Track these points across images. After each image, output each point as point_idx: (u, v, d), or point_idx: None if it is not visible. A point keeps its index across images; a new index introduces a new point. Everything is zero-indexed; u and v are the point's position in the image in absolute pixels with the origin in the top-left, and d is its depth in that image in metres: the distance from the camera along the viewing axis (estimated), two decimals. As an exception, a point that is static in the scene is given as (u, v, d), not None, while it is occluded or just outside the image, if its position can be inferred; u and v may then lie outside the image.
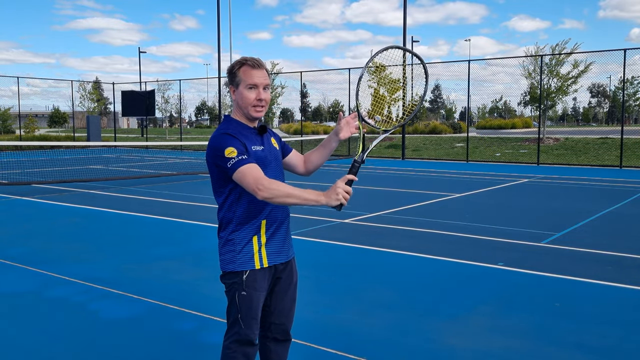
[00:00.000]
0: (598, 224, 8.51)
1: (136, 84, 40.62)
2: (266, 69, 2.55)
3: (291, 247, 2.73)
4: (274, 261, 2.61)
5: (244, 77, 2.49)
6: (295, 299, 2.77)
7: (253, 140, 2.54)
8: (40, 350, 3.85)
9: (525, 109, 67.92)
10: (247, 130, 2.56)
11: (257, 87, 2.49)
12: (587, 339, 4.04)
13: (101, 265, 6.04)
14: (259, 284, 2.57)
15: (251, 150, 2.50)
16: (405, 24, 24.98)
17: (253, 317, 2.61)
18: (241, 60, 2.52)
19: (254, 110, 2.51)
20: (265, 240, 2.58)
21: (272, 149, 2.65)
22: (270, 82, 2.55)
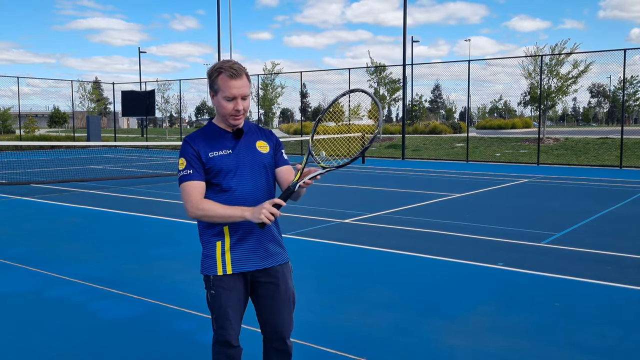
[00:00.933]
0: (598, 224, 8.51)
1: (136, 84, 40.63)
2: (246, 73, 2.49)
3: (274, 255, 2.63)
4: (240, 268, 2.56)
5: (222, 87, 2.45)
6: (288, 304, 2.68)
7: (220, 145, 2.53)
8: (40, 350, 3.85)
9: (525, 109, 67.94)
10: (219, 135, 2.56)
11: (236, 99, 2.46)
12: (587, 339, 4.04)
13: (101, 265, 6.04)
14: (228, 284, 2.56)
15: (206, 157, 2.50)
16: (405, 24, 24.98)
17: (225, 318, 2.58)
18: (219, 68, 2.46)
19: (233, 119, 2.51)
20: (230, 246, 2.56)
21: (249, 153, 2.57)
22: (249, 88, 2.50)
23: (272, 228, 2.63)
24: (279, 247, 2.67)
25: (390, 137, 34.21)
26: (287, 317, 2.69)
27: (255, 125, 2.72)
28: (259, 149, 2.61)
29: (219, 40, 30.75)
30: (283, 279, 2.66)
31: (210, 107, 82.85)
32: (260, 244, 2.59)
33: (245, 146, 2.58)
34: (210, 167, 2.51)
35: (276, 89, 34.31)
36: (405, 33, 25.14)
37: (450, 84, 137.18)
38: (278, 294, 2.65)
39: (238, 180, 2.53)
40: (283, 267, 2.68)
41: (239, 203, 2.51)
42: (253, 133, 2.65)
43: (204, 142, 2.53)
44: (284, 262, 2.68)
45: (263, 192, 2.58)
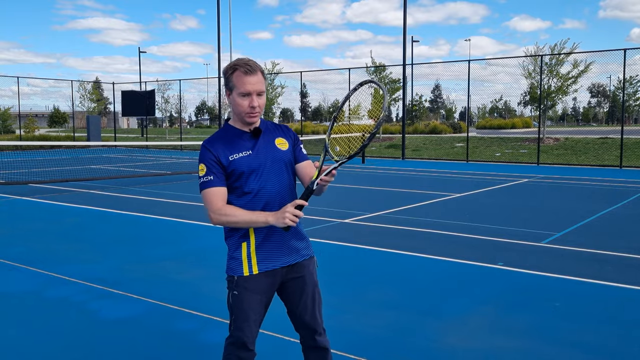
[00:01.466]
0: (598, 224, 8.51)
1: (136, 84, 40.64)
2: (261, 71, 2.47)
3: (299, 250, 2.63)
4: (267, 267, 2.55)
5: (236, 84, 2.43)
6: (315, 298, 2.67)
7: (240, 147, 2.51)
8: (40, 350, 3.85)
9: (525, 109, 67.95)
10: (237, 136, 2.53)
11: (250, 95, 2.43)
12: (587, 339, 4.04)
13: (101, 265, 6.04)
14: (252, 285, 2.55)
15: (227, 161, 2.48)
16: (405, 24, 24.98)
17: (245, 320, 2.57)
18: (234, 65, 2.45)
19: (248, 116, 2.48)
20: (256, 246, 2.54)
21: (270, 152, 2.54)
22: (264, 85, 2.47)
23: (297, 226, 2.65)
24: (303, 242, 2.66)
25: (390, 137, 34.21)
26: (317, 312, 2.68)
27: (272, 123, 2.68)
28: (279, 146, 2.57)
29: (219, 40, 30.78)
30: (309, 273, 2.66)
31: (210, 107, 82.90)
32: (284, 241, 2.58)
33: (265, 145, 2.55)
34: (232, 170, 2.49)
35: (276, 88, 34.33)
36: (405, 33, 25.15)
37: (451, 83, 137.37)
38: (305, 289, 2.64)
39: (261, 181, 2.50)
40: (308, 261, 2.67)
41: (263, 203, 2.50)
42: (271, 131, 2.61)
43: (223, 145, 2.51)
44: (309, 256, 2.68)
45: (287, 190, 2.56)
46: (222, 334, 4.12)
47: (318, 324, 2.69)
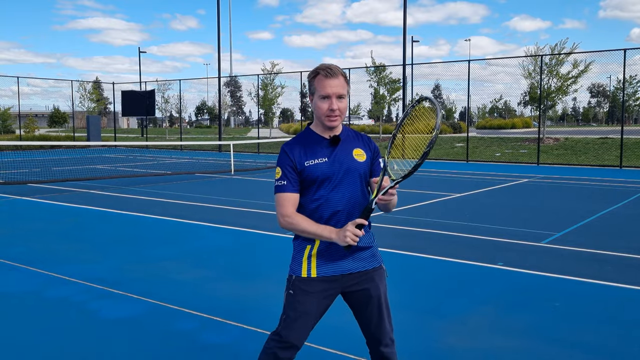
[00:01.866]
0: (598, 224, 8.51)
1: (136, 84, 40.64)
2: (343, 75, 2.50)
3: (363, 259, 2.59)
4: (325, 272, 2.55)
5: (317, 87, 2.48)
6: (381, 309, 2.63)
7: (316, 153, 2.52)
8: (41, 350, 3.85)
9: (525, 109, 67.95)
10: (317, 142, 2.55)
11: (330, 98, 2.46)
12: (587, 339, 4.04)
13: (101, 265, 6.04)
14: (308, 287, 2.56)
15: (302, 166, 2.50)
16: (405, 24, 24.98)
17: (295, 320, 2.57)
18: (316, 70, 2.51)
19: (328, 120, 2.49)
20: (317, 251, 2.56)
21: (346, 162, 2.53)
22: (346, 90, 2.50)
23: (366, 234, 2.58)
24: (368, 252, 2.61)
25: (390, 137, 34.18)
26: (383, 323, 2.64)
27: (354, 132, 2.66)
28: (356, 157, 2.56)
29: (218, 40, 30.78)
30: (374, 284, 2.61)
31: (210, 107, 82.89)
32: (352, 250, 2.57)
33: (342, 154, 2.55)
34: (306, 175, 2.51)
35: (276, 88, 34.32)
36: (405, 33, 25.15)
37: (451, 83, 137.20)
38: (371, 300, 2.61)
39: (332, 190, 2.51)
40: (374, 271, 2.62)
41: (331, 211, 2.51)
42: (351, 140, 2.60)
43: (301, 149, 2.53)
44: (375, 266, 2.62)
45: (357, 202, 2.54)
46: (222, 334, 4.13)
47: (383, 334, 2.65)
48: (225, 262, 6.22)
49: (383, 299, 2.63)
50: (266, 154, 27.01)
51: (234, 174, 16.56)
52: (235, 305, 4.73)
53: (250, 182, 14.59)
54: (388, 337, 2.67)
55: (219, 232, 7.89)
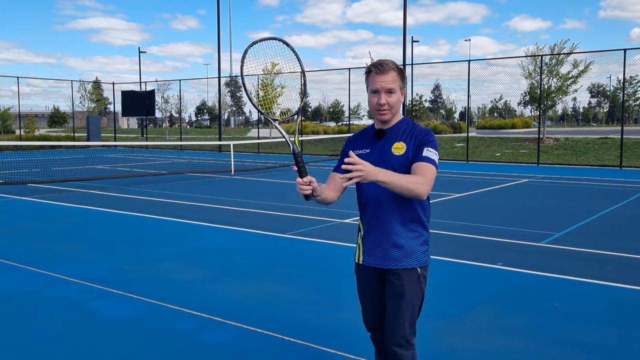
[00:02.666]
0: (598, 224, 8.51)
1: (136, 84, 40.64)
2: (396, 70, 2.59)
3: (394, 258, 2.63)
4: (367, 262, 2.71)
5: (369, 83, 2.63)
6: (400, 311, 2.63)
7: (364, 144, 2.71)
8: (40, 350, 3.85)
9: (525, 109, 67.95)
10: (368, 135, 2.74)
11: (379, 92, 2.58)
12: (587, 339, 4.04)
13: (101, 265, 6.04)
14: (360, 273, 2.79)
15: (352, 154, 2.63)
16: (405, 24, 24.98)
17: (361, 304, 2.84)
18: (369, 66, 2.63)
19: (378, 114, 2.63)
20: (362, 238, 2.75)
21: (383, 154, 2.62)
22: (397, 85, 2.59)
23: (400, 233, 2.65)
24: (401, 253, 2.64)
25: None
26: (397, 323, 2.63)
27: (412, 126, 2.68)
28: (394, 150, 2.63)
29: (219, 40, 30.79)
30: (399, 283, 2.63)
31: (210, 107, 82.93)
32: (380, 245, 2.66)
33: (383, 146, 2.66)
34: None
35: (276, 89, 34.31)
36: (405, 33, 25.15)
37: (451, 83, 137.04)
38: (393, 297, 2.65)
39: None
40: (403, 272, 2.64)
41: (364, 202, 2.70)
42: (399, 134, 2.65)
43: (356, 139, 2.78)
44: (405, 267, 2.64)
45: (389, 196, 2.59)
46: (222, 334, 4.13)
47: (395, 333, 2.64)
48: (225, 262, 6.21)
49: (405, 300, 2.63)
50: (266, 154, 27.01)
51: (234, 174, 16.56)
52: (235, 305, 4.73)
53: (250, 182, 14.59)
54: (400, 338, 2.64)
55: (218, 232, 7.88)
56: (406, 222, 2.66)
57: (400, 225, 2.64)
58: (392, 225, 2.64)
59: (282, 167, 18.58)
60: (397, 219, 2.63)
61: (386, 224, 2.64)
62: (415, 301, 2.66)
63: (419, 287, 2.69)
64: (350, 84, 26.50)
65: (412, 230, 2.69)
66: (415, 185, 2.50)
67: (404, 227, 2.65)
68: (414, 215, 2.69)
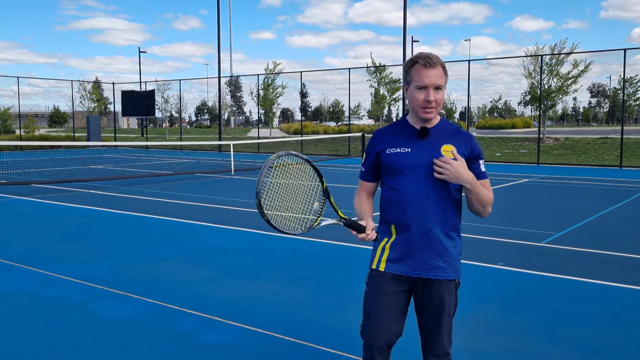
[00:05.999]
0: (598, 224, 8.51)
1: (136, 84, 40.64)
2: (442, 66, 2.38)
3: (434, 268, 2.47)
4: (393, 269, 2.48)
5: (414, 77, 2.38)
6: (440, 324, 2.52)
7: (401, 142, 2.46)
8: (40, 350, 3.85)
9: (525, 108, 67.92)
10: (405, 131, 2.48)
11: (427, 88, 2.36)
12: (587, 339, 4.04)
13: (101, 265, 6.04)
14: (378, 282, 2.51)
15: (384, 154, 2.48)
16: (405, 25, 24.98)
17: (368, 318, 2.53)
18: (413, 58, 2.40)
19: (423, 111, 2.40)
20: (391, 244, 2.50)
21: (431, 156, 2.41)
22: (445, 81, 2.38)
23: (442, 242, 2.47)
24: (442, 262, 2.48)
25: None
26: (438, 334, 2.54)
27: (455, 128, 2.52)
28: (444, 152, 2.42)
29: (219, 40, 30.79)
30: (438, 294, 2.50)
31: (210, 107, 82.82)
32: (419, 253, 2.46)
33: (428, 147, 2.43)
34: (385, 162, 2.47)
35: (277, 89, 34.32)
36: (405, 33, 25.15)
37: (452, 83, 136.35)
38: (430, 309, 2.53)
39: (409, 182, 2.42)
40: (442, 282, 2.50)
41: (403, 205, 2.44)
42: (444, 135, 2.46)
43: (388, 137, 2.50)
44: (445, 278, 2.49)
45: (433, 201, 2.43)
46: (222, 334, 4.13)
47: (437, 346, 2.56)
48: (225, 262, 6.21)
49: (444, 312, 2.53)
50: (266, 154, 27.00)
51: (234, 174, 16.56)
52: (235, 305, 4.73)
53: (250, 182, 14.58)
54: (439, 350, 2.56)
55: (218, 232, 7.88)
56: (448, 229, 2.48)
57: (442, 232, 2.46)
58: (435, 231, 2.44)
59: (282, 167, 18.55)
60: (440, 225, 2.45)
61: (426, 226, 2.43)
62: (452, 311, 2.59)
63: (455, 297, 2.61)
64: (350, 84, 26.51)
65: (453, 239, 2.52)
66: (490, 200, 2.50)
67: (447, 237, 2.48)
68: (454, 222, 2.52)
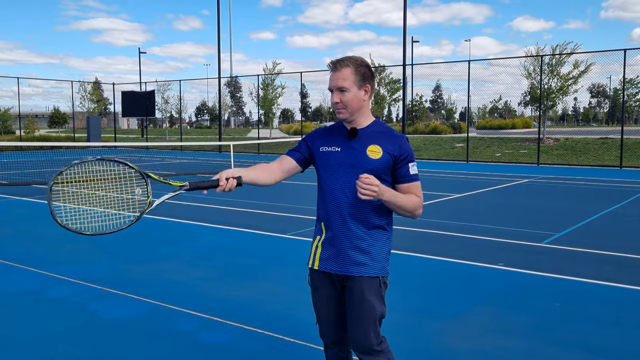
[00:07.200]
0: (598, 224, 8.51)
1: (136, 85, 40.65)
2: (351, 67, 2.44)
3: (356, 265, 2.48)
4: (324, 267, 2.54)
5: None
6: (360, 317, 2.49)
7: (333, 142, 2.55)
8: (40, 350, 3.85)
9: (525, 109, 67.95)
10: (338, 132, 2.58)
11: (333, 91, 2.48)
12: (587, 339, 4.04)
13: (101, 265, 6.04)
14: (316, 283, 2.62)
15: (317, 151, 2.57)
16: (405, 25, 24.98)
17: (317, 314, 2.65)
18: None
19: (337, 112, 2.52)
20: (322, 242, 2.57)
21: (356, 155, 2.47)
22: (350, 82, 2.44)
23: (362, 239, 2.49)
24: (364, 259, 2.48)
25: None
26: (361, 330, 2.51)
27: (388, 130, 2.54)
28: (369, 153, 2.47)
29: (219, 41, 30.80)
30: (360, 290, 2.48)
31: (210, 108, 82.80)
32: (342, 250, 2.50)
33: (355, 147, 2.50)
34: (318, 160, 2.57)
35: (276, 89, 34.32)
36: (405, 33, 25.15)
37: (452, 84, 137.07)
38: (353, 305, 2.52)
39: (333, 179, 2.51)
40: (364, 279, 2.49)
41: (327, 202, 2.52)
42: (374, 136, 2.50)
43: (324, 136, 2.60)
44: (367, 275, 2.49)
45: (350, 199, 2.46)
46: (222, 334, 4.13)
47: (360, 342, 2.53)
48: (225, 262, 6.21)
49: (365, 306, 2.49)
50: (266, 155, 27.00)
51: (234, 174, 16.55)
52: (235, 305, 4.73)
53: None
54: (365, 347, 2.52)
55: (218, 232, 7.89)
56: (368, 227, 2.49)
57: (362, 230, 2.49)
58: (354, 229, 2.48)
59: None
60: (360, 222, 2.48)
61: (349, 227, 2.48)
62: (375, 306, 2.52)
63: (378, 294, 2.53)
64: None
65: (375, 237, 2.52)
66: (415, 207, 2.48)
67: (367, 234, 2.50)
68: (375, 221, 2.50)
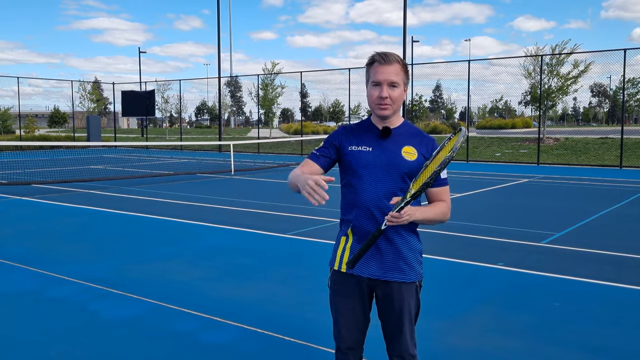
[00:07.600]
0: (598, 224, 8.51)
1: (136, 84, 40.65)
2: (400, 63, 2.38)
3: (394, 270, 2.43)
4: (353, 270, 2.45)
5: (371, 74, 2.40)
6: (401, 326, 2.48)
7: (363, 141, 2.46)
8: (40, 350, 3.85)
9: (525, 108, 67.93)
10: (368, 130, 2.49)
11: (381, 85, 2.36)
12: (587, 339, 4.04)
13: (101, 265, 6.04)
14: (340, 287, 2.51)
15: (346, 150, 2.47)
16: (405, 25, 24.99)
17: (336, 320, 2.53)
18: (371, 56, 2.41)
19: (378, 108, 2.40)
20: (351, 245, 2.47)
21: (391, 156, 2.41)
22: (401, 78, 2.38)
23: (399, 243, 2.45)
24: (404, 264, 2.45)
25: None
26: (401, 337, 2.50)
27: (417, 130, 2.51)
28: (404, 154, 2.41)
29: (219, 41, 30.79)
30: (399, 297, 2.46)
31: (210, 107, 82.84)
32: (379, 254, 2.43)
33: (390, 148, 2.43)
34: (347, 160, 2.47)
35: (276, 89, 34.32)
36: (405, 33, 25.16)
37: (452, 83, 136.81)
38: (393, 312, 2.48)
39: (366, 180, 2.41)
40: (403, 285, 2.45)
41: (360, 203, 2.42)
42: (406, 137, 2.46)
43: (352, 134, 2.50)
44: (404, 281, 2.45)
45: (389, 198, 2.38)
46: (222, 334, 4.13)
47: (400, 348, 2.53)
48: (225, 262, 6.21)
49: (405, 314, 2.48)
50: (266, 154, 27.01)
51: (234, 174, 16.56)
52: (235, 305, 4.73)
53: (250, 182, 14.59)
54: (404, 353, 2.53)
55: (218, 232, 7.88)
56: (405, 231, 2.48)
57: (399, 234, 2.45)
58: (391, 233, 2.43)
59: (282, 167, 18.58)
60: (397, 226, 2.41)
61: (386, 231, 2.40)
62: (413, 312, 2.54)
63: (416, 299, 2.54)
64: (350, 84, 26.55)
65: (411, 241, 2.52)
66: (444, 215, 2.50)
67: (408, 239, 2.48)
68: (411, 224, 2.47)
